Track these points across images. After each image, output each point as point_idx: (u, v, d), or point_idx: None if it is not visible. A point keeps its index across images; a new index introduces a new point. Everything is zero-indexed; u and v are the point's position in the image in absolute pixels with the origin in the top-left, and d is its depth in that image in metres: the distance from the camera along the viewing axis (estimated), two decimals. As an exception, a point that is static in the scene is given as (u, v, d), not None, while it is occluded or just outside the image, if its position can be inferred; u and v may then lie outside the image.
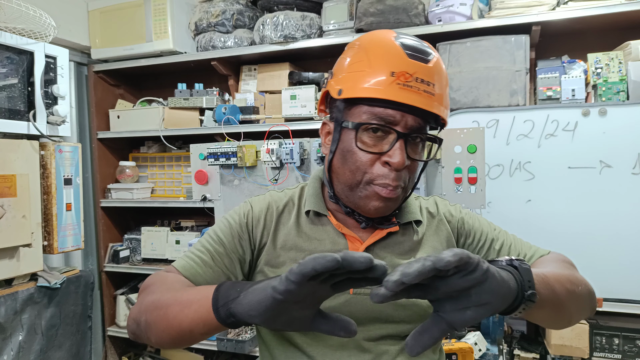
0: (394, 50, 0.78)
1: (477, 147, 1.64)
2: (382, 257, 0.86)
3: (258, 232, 0.89)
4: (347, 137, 0.82)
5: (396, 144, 0.78)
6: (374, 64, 0.78)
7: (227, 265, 0.86)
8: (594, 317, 1.86)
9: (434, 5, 2.05)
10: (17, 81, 1.59)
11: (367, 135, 0.80)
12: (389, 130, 0.79)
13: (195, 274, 0.82)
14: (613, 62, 1.83)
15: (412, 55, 0.77)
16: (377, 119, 0.78)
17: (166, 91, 2.72)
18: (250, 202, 0.93)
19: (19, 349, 1.59)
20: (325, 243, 0.87)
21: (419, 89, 0.77)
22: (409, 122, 0.78)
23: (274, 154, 1.85)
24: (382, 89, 0.76)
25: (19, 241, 1.55)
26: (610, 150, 1.76)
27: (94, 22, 2.53)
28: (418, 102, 0.76)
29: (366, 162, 0.80)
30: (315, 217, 0.89)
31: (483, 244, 0.94)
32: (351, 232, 0.87)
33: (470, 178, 1.65)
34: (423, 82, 0.77)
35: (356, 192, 0.81)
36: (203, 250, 0.86)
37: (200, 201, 2.11)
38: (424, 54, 0.79)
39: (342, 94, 0.81)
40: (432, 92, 0.78)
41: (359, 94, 0.78)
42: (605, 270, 1.76)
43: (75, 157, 1.78)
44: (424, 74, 0.77)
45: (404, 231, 0.90)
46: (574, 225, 1.81)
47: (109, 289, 2.66)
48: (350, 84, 0.80)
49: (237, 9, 2.41)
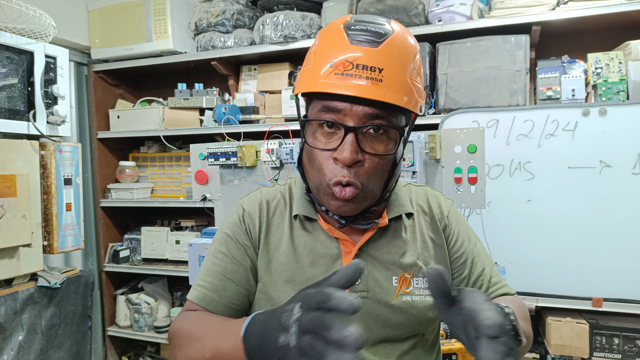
0: (337, 38, 0.74)
1: (477, 147, 1.64)
2: (374, 255, 0.84)
3: (255, 233, 0.87)
4: (307, 134, 0.79)
5: (345, 138, 0.72)
6: (318, 56, 0.75)
7: (241, 281, 0.84)
8: (594, 317, 1.86)
9: (434, 5, 2.05)
10: (17, 81, 1.59)
11: (320, 132, 0.76)
12: (338, 125, 0.74)
13: (211, 302, 0.81)
14: (613, 62, 1.83)
15: (356, 41, 0.72)
16: (330, 112, 0.74)
17: (166, 91, 2.72)
18: (242, 204, 0.90)
19: (19, 349, 1.59)
20: (318, 250, 0.84)
21: (361, 77, 0.70)
22: (359, 112, 0.72)
23: (274, 154, 1.85)
24: (319, 82, 0.72)
25: (19, 241, 1.55)
26: (610, 150, 1.76)
27: (94, 22, 2.53)
28: (358, 91, 0.69)
29: (322, 160, 0.76)
30: (307, 221, 0.87)
31: (460, 255, 0.90)
32: (343, 235, 0.85)
33: (470, 178, 1.65)
34: (366, 69, 0.70)
35: (320, 192, 0.78)
36: (212, 274, 0.83)
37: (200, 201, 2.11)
38: (373, 36, 0.72)
39: (294, 90, 0.79)
40: (378, 78, 0.70)
41: (303, 89, 0.76)
42: (605, 270, 1.76)
43: (75, 157, 1.78)
44: (368, 60, 0.71)
45: (395, 225, 0.87)
46: (574, 225, 1.81)
47: (109, 289, 2.67)
48: (301, 80, 0.78)
49: (237, 9, 2.41)
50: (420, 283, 0.84)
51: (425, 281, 0.82)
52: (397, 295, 0.83)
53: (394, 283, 0.83)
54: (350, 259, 0.82)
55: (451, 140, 1.67)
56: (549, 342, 1.85)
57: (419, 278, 0.84)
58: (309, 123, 0.78)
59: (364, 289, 0.82)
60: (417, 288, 0.84)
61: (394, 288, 0.83)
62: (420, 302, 0.83)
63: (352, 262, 0.53)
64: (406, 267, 0.84)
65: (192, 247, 1.74)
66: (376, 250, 0.85)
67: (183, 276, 2.36)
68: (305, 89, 0.76)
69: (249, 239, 0.86)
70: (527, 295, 1.86)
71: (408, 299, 0.83)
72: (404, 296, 0.83)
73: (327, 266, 0.83)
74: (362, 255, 0.84)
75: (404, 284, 0.84)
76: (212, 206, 2.09)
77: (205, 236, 1.84)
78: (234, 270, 0.83)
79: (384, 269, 0.84)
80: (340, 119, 0.73)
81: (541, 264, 1.84)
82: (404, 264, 0.85)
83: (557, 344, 1.81)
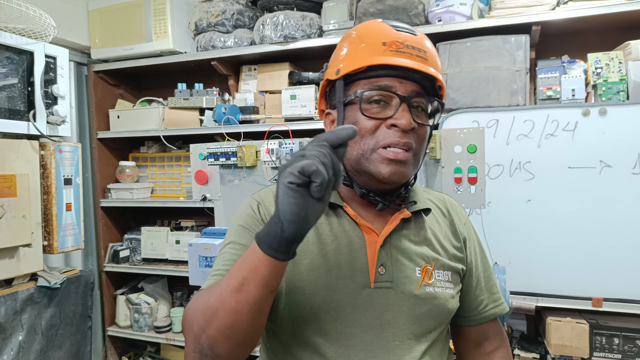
0: (382, 28, 0.83)
1: (477, 147, 1.64)
2: (397, 246, 0.85)
3: None
4: (351, 112, 0.83)
5: (400, 106, 0.80)
6: (366, 40, 0.83)
7: None
8: (594, 317, 1.86)
9: (434, 5, 2.05)
10: (17, 81, 1.59)
11: (370, 106, 0.81)
12: (391, 95, 0.80)
13: None
14: (613, 62, 1.83)
15: (400, 29, 0.83)
16: (377, 88, 0.80)
17: (166, 91, 2.72)
18: (257, 198, 0.90)
19: (19, 349, 1.59)
20: (342, 238, 0.84)
21: (412, 54, 0.80)
22: (408, 87, 0.81)
23: (274, 154, 1.85)
24: (378, 57, 0.80)
25: (19, 241, 1.55)
26: (610, 150, 1.76)
27: (94, 22, 2.53)
28: (413, 64, 0.79)
29: (371, 128, 0.80)
30: (330, 210, 0.87)
31: (472, 267, 0.96)
32: (367, 223, 0.85)
33: (470, 178, 1.65)
34: (414, 49, 0.81)
35: (365, 162, 0.81)
36: (229, 262, 0.80)
37: (200, 201, 2.11)
38: (410, 30, 0.84)
39: (339, 72, 0.83)
40: (424, 57, 0.81)
41: (356, 66, 0.81)
42: (605, 270, 1.76)
43: (75, 157, 1.78)
44: (414, 42, 0.82)
45: (418, 221, 0.90)
46: (573, 225, 1.81)
47: (109, 289, 2.67)
48: (346, 62, 0.83)
49: (237, 9, 2.41)
50: (441, 275, 0.87)
51: (446, 274, 0.88)
52: (420, 285, 0.84)
53: (417, 274, 0.84)
54: (375, 249, 0.83)
55: (451, 140, 1.67)
56: (549, 342, 1.85)
57: (440, 270, 0.87)
58: (351, 103, 0.83)
59: (389, 279, 0.82)
60: (438, 280, 0.86)
61: (417, 279, 0.84)
62: (442, 293, 0.85)
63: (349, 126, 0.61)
64: (428, 259, 0.86)
65: (192, 247, 1.74)
66: (399, 241, 0.86)
67: (183, 276, 2.36)
68: (363, 63, 0.80)
69: None
70: (527, 295, 1.86)
71: (431, 290, 0.84)
72: (427, 287, 0.84)
73: (351, 254, 0.83)
74: (386, 245, 0.85)
75: (427, 275, 0.85)
76: (212, 206, 2.10)
77: (205, 236, 1.84)
78: None
79: (408, 260, 0.85)
80: (390, 94, 0.81)
81: (541, 264, 1.84)
82: (426, 256, 0.87)
83: (557, 344, 1.81)
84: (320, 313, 0.80)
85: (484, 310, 0.96)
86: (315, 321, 0.80)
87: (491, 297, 0.97)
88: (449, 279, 0.88)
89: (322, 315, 0.80)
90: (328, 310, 0.80)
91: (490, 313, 0.97)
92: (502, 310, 0.98)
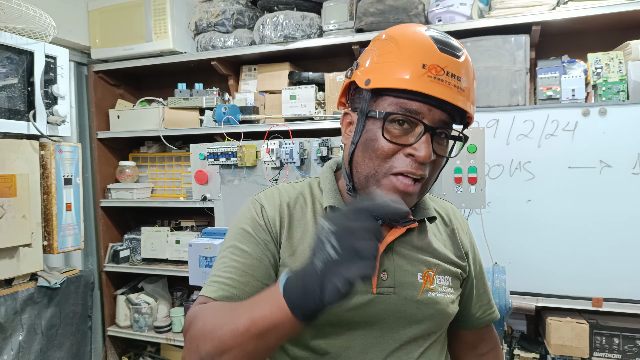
0: (425, 43, 0.77)
1: (477, 147, 1.64)
2: (400, 252, 0.85)
3: (276, 227, 0.85)
4: (373, 127, 0.79)
5: (423, 137, 0.76)
6: (405, 55, 0.77)
7: (262, 277, 0.81)
8: (594, 317, 1.86)
9: (434, 5, 2.05)
10: (17, 81, 1.59)
11: (393, 127, 0.78)
12: (417, 122, 0.76)
13: (231, 298, 0.77)
14: (613, 62, 1.83)
15: (444, 50, 0.77)
16: (404, 111, 0.76)
17: (166, 91, 2.72)
18: (259, 200, 0.88)
19: (19, 349, 1.59)
20: None
21: (450, 83, 0.76)
22: (436, 116, 0.77)
23: (274, 154, 1.85)
24: (413, 81, 0.75)
25: (19, 241, 1.55)
26: (610, 150, 1.76)
27: (94, 22, 2.53)
28: (448, 96, 0.75)
29: (389, 151, 0.77)
30: None
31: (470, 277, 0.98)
32: None
33: (470, 178, 1.65)
34: (454, 77, 0.76)
35: (375, 183, 0.79)
36: (231, 269, 0.80)
37: (200, 201, 2.11)
38: (454, 49, 0.78)
39: (370, 84, 0.79)
40: (461, 87, 0.77)
41: (389, 85, 0.77)
42: (605, 270, 1.76)
43: (75, 157, 1.78)
44: (455, 69, 0.76)
45: (420, 227, 0.90)
46: (573, 225, 1.81)
47: (109, 289, 2.67)
48: (379, 75, 0.78)
49: (237, 9, 2.41)
50: (442, 280, 0.87)
51: (447, 279, 0.88)
52: (422, 291, 0.84)
53: (419, 279, 0.84)
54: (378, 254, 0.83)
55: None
56: (549, 342, 1.85)
57: (441, 275, 0.87)
58: (374, 117, 0.79)
59: (391, 284, 0.82)
60: (439, 285, 0.86)
61: (419, 284, 0.84)
62: (443, 298, 0.85)
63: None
64: (429, 264, 0.86)
65: (192, 247, 1.74)
66: (401, 247, 0.86)
67: (183, 276, 2.36)
68: (397, 85, 0.76)
69: (268, 234, 0.84)
70: (527, 295, 1.86)
71: (433, 295, 0.84)
72: (428, 292, 0.84)
73: None
74: (389, 251, 0.84)
75: (428, 281, 0.85)
76: (212, 206, 2.09)
77: (205, 236, 1.84)
78: (255, 265, 0.81)
79: (409, 265, 0.85)
80: (416, 121, 0.77)
81: (541, 264, 1.84)
82: (428, 261, 0.87)
83: (557, 344, 1.81)
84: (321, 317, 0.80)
85: (483, 316, 1.00)
86: (316, 325, 0.80)
87: (489, 304, 1.01)
88: (450, 283, 0.88)
89: (323, 319, 0.80)
90: (329, 315, 0.80)
91: (488, 319, 1.00)
92: (497, 316, 1.03)
